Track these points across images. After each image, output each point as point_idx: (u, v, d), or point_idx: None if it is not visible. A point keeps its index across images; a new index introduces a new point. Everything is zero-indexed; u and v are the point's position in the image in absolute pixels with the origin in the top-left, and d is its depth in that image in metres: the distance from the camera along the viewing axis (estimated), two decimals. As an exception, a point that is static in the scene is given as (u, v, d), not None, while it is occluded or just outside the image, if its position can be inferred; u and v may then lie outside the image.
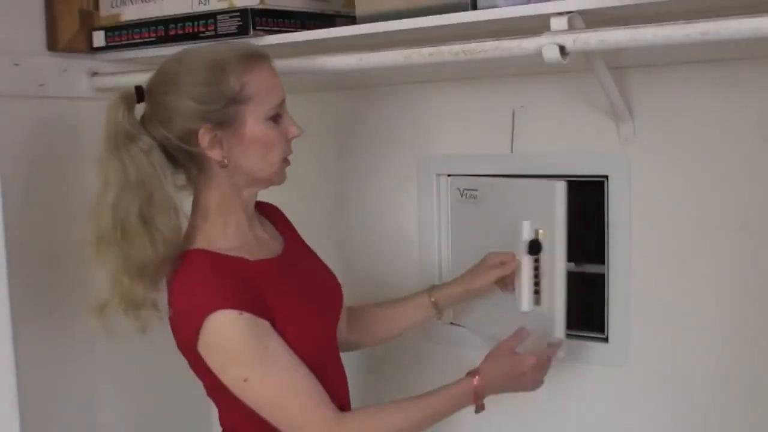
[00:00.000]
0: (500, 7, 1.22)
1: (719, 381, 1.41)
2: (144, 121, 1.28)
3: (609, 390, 1.53)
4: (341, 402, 1.31)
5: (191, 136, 1.24)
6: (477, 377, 1.31)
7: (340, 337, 1.42)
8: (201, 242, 1.27)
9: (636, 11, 1.13)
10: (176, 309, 1.24)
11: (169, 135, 1.25)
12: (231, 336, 1.19)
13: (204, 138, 1.23)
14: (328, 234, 1.82)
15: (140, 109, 1.30)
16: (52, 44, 1.67)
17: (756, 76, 1.34)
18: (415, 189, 1.72)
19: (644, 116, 1.44)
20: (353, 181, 1.82)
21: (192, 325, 1.19)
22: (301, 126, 1.30)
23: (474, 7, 1.27)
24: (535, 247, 1.40)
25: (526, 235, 1.41)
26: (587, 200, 1.54)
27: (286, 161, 1.31)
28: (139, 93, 1.29)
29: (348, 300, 1.46)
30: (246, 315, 1.18)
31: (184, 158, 1.28)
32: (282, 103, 1.29)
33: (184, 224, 1.29)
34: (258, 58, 1.27)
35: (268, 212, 1.43)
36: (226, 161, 1.25)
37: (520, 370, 1.32)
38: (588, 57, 1.25)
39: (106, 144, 1.26)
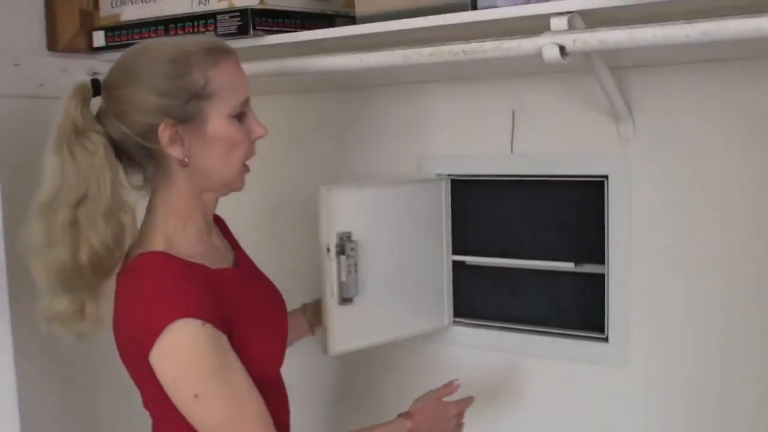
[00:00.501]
0: (500, 7, 1.23)
1: (719, 381, 1.41)
2: (100, 115, 1.20)
3: (609, 390, 1.53)
4: (285, 422, 1.29)
5: (150, 132, 1.16)
6: (410, 420, 1.33)
7: None
8: (160, 244, 1.19)
9: (636, 11, 1.13)
10: (128, 313, 1.16)
11: (127, 130, 1.17)
12: (191, 347, 1.10)
13: (164, 134, 1.15)
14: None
15: (97, 103, 1.22)
16: (52, 44, 1.67)
17: (756, 76, 1.34)
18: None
19: (644, 116, 1.44)
20: (352, 181, 1.82)
21: (148, 332, 1.10)
22: (266, 126, 1.24)
23: (474, 7, 1.27)
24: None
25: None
26: (587, 200, 1.54)
27: (246, 166, 1.24)
28: (95, 86, 1.20)
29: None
30: (208, 326, 1.10)
31: (141, 156, 1.20)
32: (247, 101, 1.22)
33: (136, 227, 1.22)
34: (224, 53, 1.20)
35: (217, 222, 1.36)
36: (186, 160, 1.17)
37: (445, 415, 1.38)
38: (588, 57, 1.25)
39: (53, 139, 1.18)
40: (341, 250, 1.47)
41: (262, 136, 1.24)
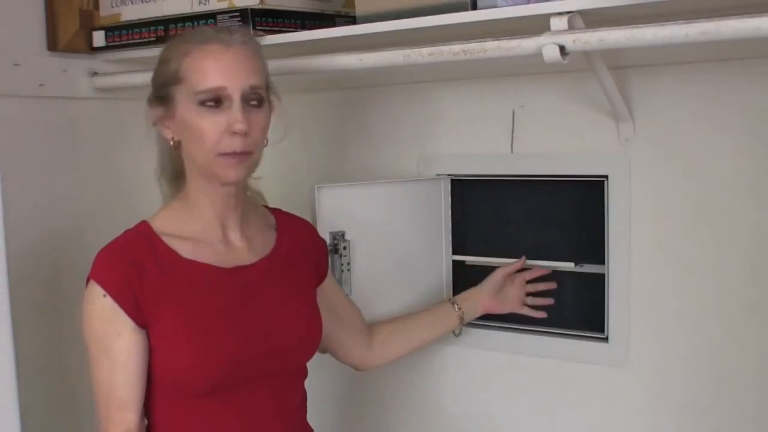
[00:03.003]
0: (500, 7, 1.23)
1: (719, 381, 1.41)
2: None
3: (609, 390, 1.53)
4: None
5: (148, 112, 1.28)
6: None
7: (360, 358, 1.48)
8: (157, 217, 1.28)
9: (636, 11, 1.13)
10: None
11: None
12: (88, 308, 1.19)
13: (149, 114, 1.26)
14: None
15: None
16: (52, 44, 1.67)
17: (755, 76, 1.34)
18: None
19: (644, 116, 1.44)
20: (353, 181, 1.82)
21: (87, 279, 1.21)
22: (244, 125, 1.18)
23: (474, 7, 1.27)
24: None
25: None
26: (587, 200, 1.54)
27: (229, 156, 1.20)
28: None
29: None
30: (109, 300, 1.17)
31: None
32: (225, 91, 1.18)
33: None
34: (207, 42, 1.21)
35: (298, 234, 1.37)
36: (172, 142, 1.25)
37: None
38: (588, 57, 1.25)
39: None
40: (335, 249, 1.49)
41: (235, 130, 1.18)
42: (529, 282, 1.59)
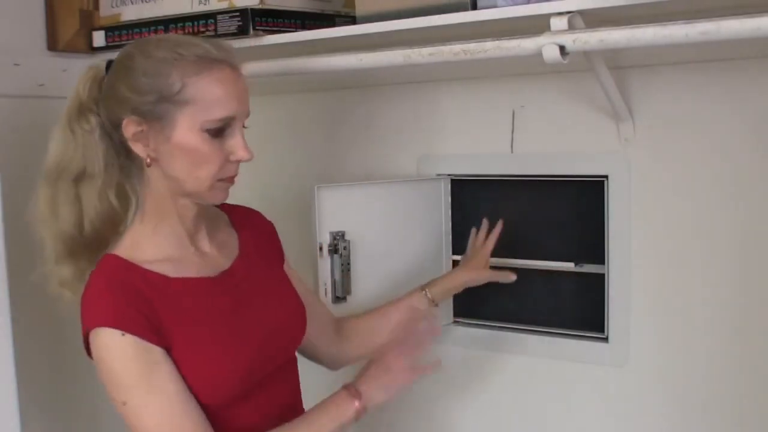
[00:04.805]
0: (500, 7, 1.23)
1: (719, 381, 1.41)
2: (99, 98, 1.21)
3: (609, 390, 1.53)
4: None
5: (119, 124, 1.15)
6: (358, 400, 1.21)
7: (328, 355, 1.42)
8: (122, 247, 1.18)
9: (636, 11, 1.13)
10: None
11: (104, 117, 1.18)
12: (111, 356, 1.10)
13: (128, 129, 1.14)
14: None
15: None
16: (52, 44, 1.67)
17: (756, 76, 1.34)
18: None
19: (644, 116, 1.44)
20: (353, 181, 1.82)
21: (84, 333, 1.13)
22: (252, 151, 1.16)
23: (474, 7, 1.27)
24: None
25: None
26: (587, 200, 1.54)
27: (226, 181, 1.17)
28: (108, 68, 1.20)
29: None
30: (129, 337, 1.09)
31: (122, 147, 1.19)
32: (233, 120, 1.15)
33: (129, 212, 1.23)
34: (217, 63, 1.14)
35: (250, 225, 1.34)
36: (149, 160, 1.15)
37: (389, 369, 1.26)
38: (588, 57, 1.25)
39: (62, 114, 1.21)
40: (334, 249, 1.49)
41: (243, 160, 1.16)
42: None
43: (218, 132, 1.14)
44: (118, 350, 1.10)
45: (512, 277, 1.55)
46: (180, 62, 1.12)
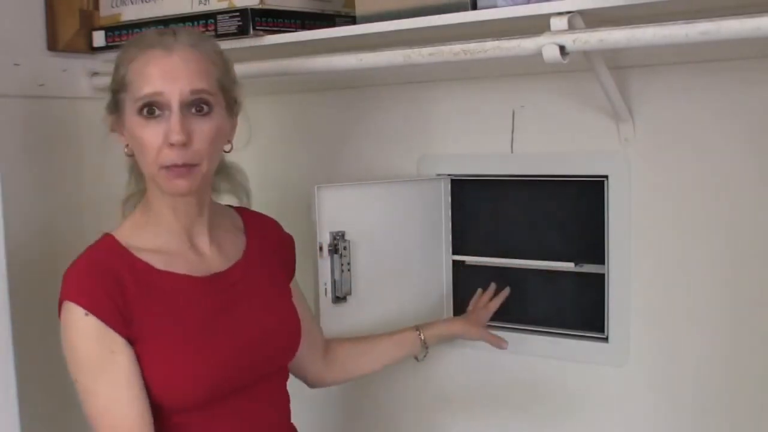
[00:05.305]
0: (500, 7, 1.23)
1: (719, 380, 1.41)
2: None
3: (609, 390, 1.53)
4: None
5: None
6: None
7: (313, 372, 1.42)
8: (122, 229, 1.22)
9: (636, 11, 1.13)
10: None
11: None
12: (73, 332, 1.12)
13: (106, 121, 1.22)
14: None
15: None
16: (52, 44, 1.67)
17: (756, 76, 1.34)
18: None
19: (644, 116, 1.44)
20: (353, 181, 1.82)
21: (59, 302, 1.15)
22: (181, 135, 1.11)
23: (474, 7, 1.27)
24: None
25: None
26: (587, 200, 1.54)
27: (169, 170, 1.13)
28: None
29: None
30: (93, 319, 1.10)
31: None
32: (162, 97, 1.12)
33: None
34: (153, 46, 1.15)
35: (264, 234, 1.34)
36: (126, 149, 1.21)
37: None
38: (588, 57, 1.25)
39: None
40: (334, 249, 1.49)
41: (172, 142, 1.12)
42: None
43: (150, 112, 1.13)
44: (81, 329, 1.12)
45: (504, 346, 1.56)
46: (126, 53, 1.19)
